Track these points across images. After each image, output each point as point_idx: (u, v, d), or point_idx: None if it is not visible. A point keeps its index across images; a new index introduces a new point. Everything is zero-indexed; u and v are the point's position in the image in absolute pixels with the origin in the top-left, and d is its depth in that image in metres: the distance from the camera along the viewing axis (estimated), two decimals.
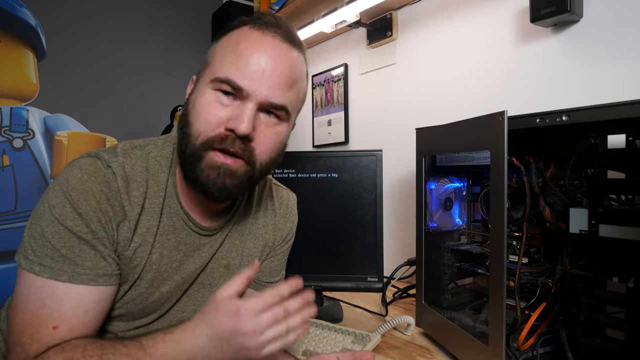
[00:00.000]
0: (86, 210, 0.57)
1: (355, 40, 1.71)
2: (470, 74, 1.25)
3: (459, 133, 0.80)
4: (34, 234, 0.56)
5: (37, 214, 0.57)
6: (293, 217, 0.86)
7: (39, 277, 0.55)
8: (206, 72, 0.63)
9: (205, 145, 0.59)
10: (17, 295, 0.56)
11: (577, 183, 0.75)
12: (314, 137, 1.95)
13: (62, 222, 0.56)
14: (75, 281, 0.56)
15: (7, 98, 1.74)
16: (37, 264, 0.55)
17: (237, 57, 0.60)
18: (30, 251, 0.56)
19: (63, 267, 0.56)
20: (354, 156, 1.09)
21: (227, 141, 0.59)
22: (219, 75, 0.59)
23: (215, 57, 0.63)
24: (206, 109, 0.59)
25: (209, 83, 0.60)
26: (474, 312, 0.95)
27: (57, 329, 0.55)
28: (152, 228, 0.64)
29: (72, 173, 0.59)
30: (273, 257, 0.82)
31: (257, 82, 0.59)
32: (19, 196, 1.74)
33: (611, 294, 0.66)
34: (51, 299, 0.55)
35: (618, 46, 0.92)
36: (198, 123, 0.60)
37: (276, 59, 0.60)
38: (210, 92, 0.60)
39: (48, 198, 0.57)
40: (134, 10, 2.09)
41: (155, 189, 0.64)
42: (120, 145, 0.65)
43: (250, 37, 0.61)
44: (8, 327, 0.57)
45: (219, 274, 0.73)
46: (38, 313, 0.54)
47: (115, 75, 2.02)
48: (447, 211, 1.00)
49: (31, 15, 1.78)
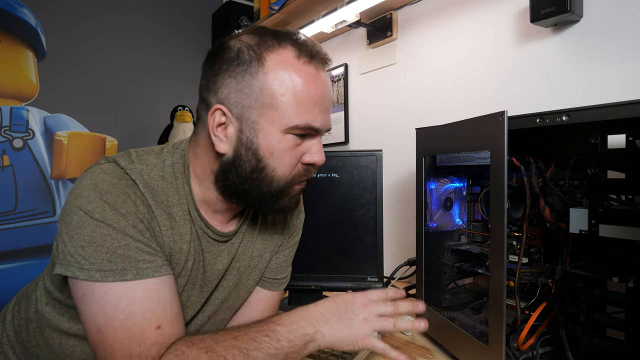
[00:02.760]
0: (127, 211, 0.56)
1: (355, 40, 1.71)
2: (470, 74, 1.25)
3: (459, 133, 0.80)
4: (80, 244, 0.54)
5: (72, 225, 0.55)
6: (301, 214, 0.88)
7: (104, 284, 0.53)
8: (270, 115, 0.59)
9: (289, 183, 0.64)
10: (93, 317, 0.54)
11: (577, 183, 0.75)
12: None
13: (109, 224, 0.54)
14: (141, 277, 0.55)
15: (7, 98, 1.74)
16: (96, 270, 0.53)
17: (308, 101, 0.61)
18: (84, 261, 0.53)
19: (125, 266, 0.54)
20: (354, 156, 1.09)
21: (308, 173, 0.66)
22: (298, 123, 0.60)
23: (279, 99, 0.59)
24: (288, 154, 0.62)
25: (284, 129, 0.60)
26: (474, 312, 0.95)
27: (161, 328, 0.54)
28: (185, 235, 0.64)
29: (100, 177, 0.58)
30: (279, 253, 0.83)
31: (326, 119, 0.64)
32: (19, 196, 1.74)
33: (611, 294, 0.66)
34: (135, 305, 0.54)
35: (618, 46, 0.92)
36: (283, 167, 0.62)
37: (329, 90, 0.65)
38: (287, 138, 0.61)
39: (80, 206, 0.55)
40: (134, 11, 2.09)
41: (176, 197, 0.64)
42: (133, 152, 0.64)
43: (309, 77, 0.61)
44: (102, 352, 0.53)
45: (232, 277, 0.74)
46: (130, 323, 0.53)
47: (115, 75, 2.02)
48: (447, 211, 1.00)
49: (31, 15, 1.78)
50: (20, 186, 1.75)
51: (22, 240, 1.71)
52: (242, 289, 0.77)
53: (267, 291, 0.82)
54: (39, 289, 0.69)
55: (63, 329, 0.64)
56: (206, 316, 0.73)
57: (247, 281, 0.77)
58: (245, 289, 0.78)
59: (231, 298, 0.76)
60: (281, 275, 0.84)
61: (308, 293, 1.13)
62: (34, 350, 0.67)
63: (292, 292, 1.16)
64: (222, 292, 0.74)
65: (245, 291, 0.79)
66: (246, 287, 0.78)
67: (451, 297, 0.98)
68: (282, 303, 1.18)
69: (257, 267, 0.78)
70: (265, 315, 0.83)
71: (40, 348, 0.66)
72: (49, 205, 1.81)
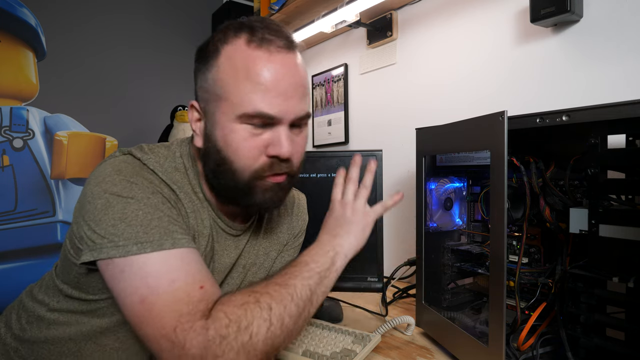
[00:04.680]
0: (153, 191, 0.57)
1: (355, 40, 1.71)
2: (470, 74, 1.25)
3: (459, 133, 0.80)
4: (110, 223, 0.53)
5: (98, 208, 0.55)
6: (304, 215, 0.89)
7: (141, 255, 0.52)
8: (223, 106, 0.60)
9: (254, 177, 0.62)
10: (135, 289, 0.52)
11: (577, 183, 0.75)
12: (314, 137, 1.95)
13: (139, 200, 0.55)
14: (178, 246, 0.55)
15: (7, 98, 1.74)
16: (133, 244, 0.53)
17: (255, 86, 0.58)
18: (117, 238, 0.53)
19: (162, 236, 0.54)
20: None
21: (274, 167, 0.62)
22: (247, 110, 0.58)
23: (228, 89, 0.60)
24: (244, 144, 0.60)
25: (235, 119, 0.59)
26: (474, 312, 0.95)
27: (204, 287, 0.54)
28: (205, 220, 0.65)
29: (121, 165, 0.58)
30: (285, 252, 0.85)
31: (283, 105, 0.59)
32: (19, 196, 1.74)
33: (611, 294, 0.66)
34: (175, 271, 0.53)
35: (618, 46, 0.92)
36: (239, 159, 0.61)
37: (291, 75, 0.60)
38: (240, 128, 0.60)
39: (106, 189, 0.55)
40: (134, 11, 2.09)
41: (190, 187, 0.65)
42: (144, 146, 0.66)
43: (259, 60, 0.59)
44: (148, 322, 0.51)
45: (237, 274, 0.75)
46: (174, 288, 0.52)
47: (116, 75, 2.02)
48: (447, 211, 1.00)
49: (31, 15, 1.78)
50: (20, 186, 1.75)
51: (22, 240, 1.71)
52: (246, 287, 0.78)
53: None
54: (49, 287, 0.69)
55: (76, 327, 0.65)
56: None
57: (252, 280, 0.78)
58: None
59: None
60: None
61: None
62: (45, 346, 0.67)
63: None
64: (228, 289, 0.74)
65: None
66: None
67: (451, 297, 0.98)
68: None
69: (264, 266, 0.79)
70: None
71: (48, 347, 0.66)
72: (49, 205, 1.80)
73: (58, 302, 0.67)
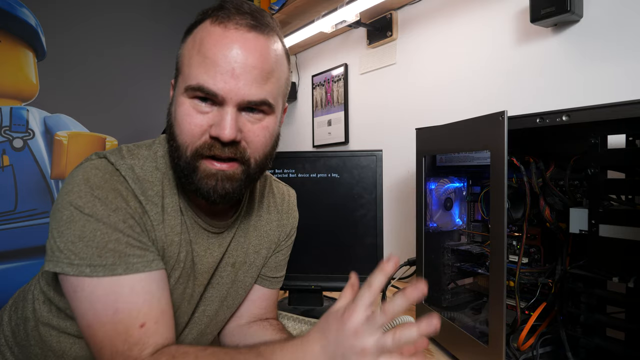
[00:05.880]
0: (118, 206, 0.56)
1: (355, 40, 1.71)
2: (470, 74, 1.25)
3: (459, 133, 0.80)
4: (70, 239, 0.54)
5: (63, 220, 0.55)
6: (295, 213, 0.87)
7: (93, 279, 0.53)
8: (179, 79, 0.60)
9: (195, 155, 0.58)
10: (84, 313, 0.54)
11: (577, 183, 0.75)
12: (314, 137, 1.95)
13: (99, 219, 0.54)
14: (131, 271, 0.54)
15: (7, 98, 1.74)
16: (87, 265, 0.53)
17: (203, 60, 0.56)
18: (73, 256, 0.53)
19: (115, 261, 0.54)
20: (354, 156, 1.09)
21: (215, 148, 0.58)
22: (191, 82, 0.56)
23: (183, 62, 0.60)
24: (187, 119, 0.57)
25: (183, 92, 0.58)
26: (474, 312, 0.95)
27: (145, 326, 0.54)
28: (175, 227, 0.63)
29: (91, 173, 0.57)
30: (278, 252, 0.83)
31: (230, 84, 0.55)
32: (19, 196, 1.74)
33: (611, 294, 0.66)
34: (122, 302, 0.54)
35: (618, 46, 0.92)
36: (183, 135, 0.58)
37: (245, 53, 0.56)
38: (187, 101, 0.58)
39: (71, 201, 0.55)
40: (134, 10, 2.09)
41: (169, 187, 0.64)
42: (124, 147, 0.64)
43: (212, 34, 0.57)
44: (92, 347, 0.55)
45: (227, 273, 0.74)
46: (117, 320, 0.53)
47: (116, 75, 2.02)
48: (447, 211, 1.00)
49: (31, 15, 1.78)
50: (20, 186, 1.74)
51: (22, 240, 1.71)
52: (240, 286, 0.77)
53: (266, 289, 0.83)
54: (36, 288, 0.68)
55: (59, 327, 0.64)
56: (207, 316, 0.73)
57: (245, 278, 0.77)
58: (244, 286, 0.78)
59: (230, 297, 0.76)
60: (279, 274, 0.85)
61: (308, 293, 1.13)
62: (32, 350, 0.67)
63: (292, 292, 1.16)
64: (220, 289, 0.73)
65: (244, 289, 0.78)
66: (244, 285, 0.78)
67: (451, 297, 0.98)
68: (283, 303, 1.18)
69: (254, 264, 0.78)
70: (268, 312, 0.84)
71: (38, 347, 0.66)
72: (49, 205, 1.80)
73: (43, 302, 0.66)
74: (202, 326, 0.73)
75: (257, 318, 0.82)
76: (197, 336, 0.73)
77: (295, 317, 1.01)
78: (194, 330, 0.72)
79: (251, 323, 0.81)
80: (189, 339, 0.72)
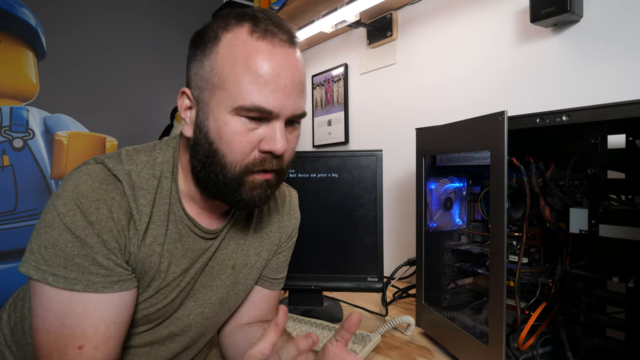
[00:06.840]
0: (98, 219, 0.56)
1: (355, 40, 1.71)
2: (470, 74, 1.25)
3: (459, 133, 0.80)
4: (44, 243, 0.54)
5: (45, 222, 0.55)
6: (296, 214, 0.86)
7: (53, 288, 0.54)
8: (219, 96, 0.57)
9: (244, 171, 0.59)
10: (35, 317, 0.55)
11: (577, 183, 0.75)
12: (314, 137, 1.95)
13: (73, 231, 0.54)
14: (91, 290, 0.55)
15: (7, 98, 1.74)
16: (50, 274, 0.53)
17: (255, 78, 0.55)
18: (42, 261, 0.54)
19: (77, 275, 0.54)
20: (354, 156, 1.09)
21: (265, 163, 0.59)
22: (244, 103, 0.55)
23: (226, 79, 0.57)
24: (238, 138, 0.57)
25: (231, 111, 0.57)
26: (474, 312, 0.95)
27: (83, 348, 0.54)
28: (159, 237, 0.62)
29: (82, 179, 0.57)
30: (279, 254, 0.83)
31: (282, 100, 0.57)
32: (19, 196, 1.74)
33: (611, 294, 0.66)
34: (70, 318, 0.54)
35: (618, 46, 0.92)
36: (232, 153, 0.58)
37: (292, 70, 0.58)
38: (235, 120, 0.57)
39: (56, 206, 0.55)
40: (134, 10, 2.09)
41: (161, 195, 0.63)
42: (124, 151, 0.63)
43: (260, 51, 0.56)
44: (34, 349, 0.56)
45: (226, 275, 0.73)
46: (60, 334, 0.54)
47: (116, 75, 2.02)
48: (447, 211, 1.00)
49: (31, 15, 1.78)
50: (20, 186, 1.75)
51: (22, 240, 1.71)
52: (241, 288, 0.77)
53: (267, 290, 0.82)
54: None
55: None
56: (206, 318, 0.72)
57: (245, 281, 0.77)
58: (245, 288, 0.78)
59: (231, 299, 0.75)
60: (281, 275, 0.84)
61: (308, 293, 1.13)
62: (29, 348, 0.67)
63: (292, 292, 1.16)
64: (220, 292, 0.73)
65: (245, 291, 0.78)
66: (245, 287, 0.78)
67: (451, 297, 0.98)
68: (283, 303, 1.18)
69: (255, 266, 0.77)
70: (269, 313, 0.84)
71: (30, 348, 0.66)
72: None
73: None
74: (202, 328, 0.73)
75: (257, 319, 0.82)
76: (195, 337, 0.73)
77: (295, 317, 1.01)
78: (192, 333, 0.72)
79: (251, 324, 0.81)
80: (187, 340, 0.72)
